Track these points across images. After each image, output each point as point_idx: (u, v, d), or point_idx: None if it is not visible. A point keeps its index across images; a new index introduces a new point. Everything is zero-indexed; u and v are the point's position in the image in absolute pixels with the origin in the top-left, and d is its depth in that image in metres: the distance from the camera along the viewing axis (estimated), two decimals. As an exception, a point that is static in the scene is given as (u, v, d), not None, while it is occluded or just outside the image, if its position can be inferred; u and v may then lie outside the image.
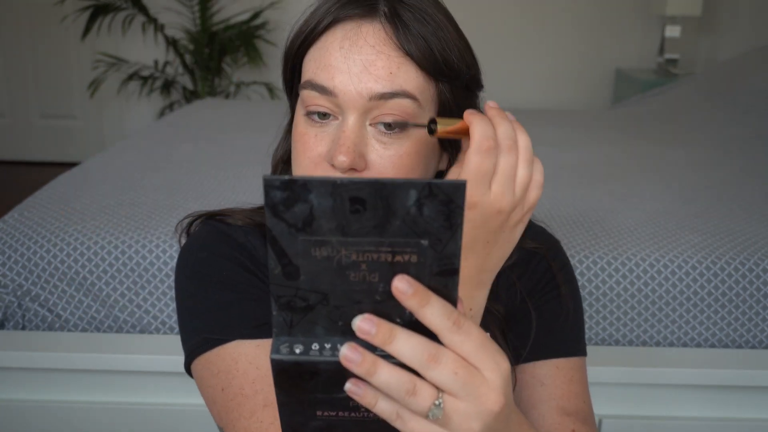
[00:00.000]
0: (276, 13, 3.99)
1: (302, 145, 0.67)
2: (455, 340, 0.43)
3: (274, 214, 0.40)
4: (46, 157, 4.31)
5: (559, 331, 0.78)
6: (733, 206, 1.66)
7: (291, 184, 0.39)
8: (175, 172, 1.78)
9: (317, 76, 0.64)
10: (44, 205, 1.50)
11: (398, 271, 0.42)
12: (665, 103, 2.90)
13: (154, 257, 1.33)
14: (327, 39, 0.65)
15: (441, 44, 0.64)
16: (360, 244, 0.41)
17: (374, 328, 0.42)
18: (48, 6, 3.99)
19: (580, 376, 0.78)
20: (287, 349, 0.43)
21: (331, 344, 0.44)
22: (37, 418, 1.31)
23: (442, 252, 0.42)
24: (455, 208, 0.41)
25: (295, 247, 0.41)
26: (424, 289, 0.42)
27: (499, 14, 3.98)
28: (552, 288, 0.80)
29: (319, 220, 0.40)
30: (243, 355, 0.67)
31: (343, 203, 0.40)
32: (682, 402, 1.32)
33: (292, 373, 0.44)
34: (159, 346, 1.30)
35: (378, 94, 0.63)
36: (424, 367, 0.43)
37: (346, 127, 0.64)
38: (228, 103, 3.09)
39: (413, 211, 0.41)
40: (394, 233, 0.41)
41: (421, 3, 0.65)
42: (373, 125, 0.64)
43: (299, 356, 0.43)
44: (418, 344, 0.42)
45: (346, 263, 0.42)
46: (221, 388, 0.67)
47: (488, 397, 0.44)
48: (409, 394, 0.43)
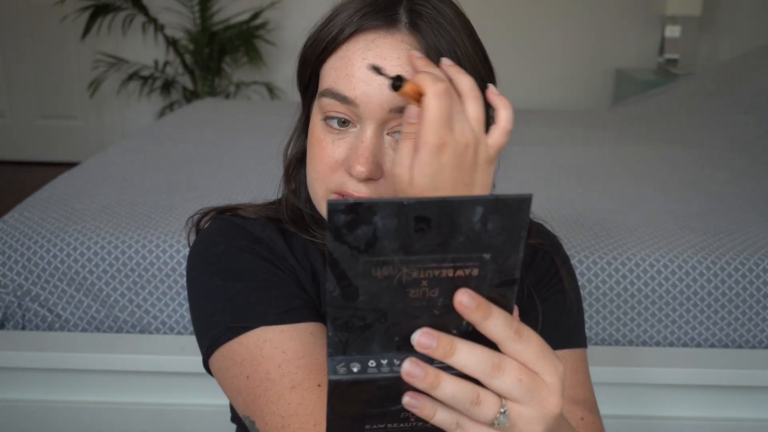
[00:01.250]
0: (276, 13, 3.99)
1: (320, 150, 0.67)
2: (517, 349, 0.44)
3: (336, 237, 0.40)
4: (46, 157, 4.31)
5: (564, 323, 0.79)
6: (733, 206, 1.66)
7: (356, 207, 0.39)
8: (175, 172, 1.78)
9: (338, 84, 0.65)
10: (44, 205, 1.50)
11: (459, 285, 0.43)
12: (665, 103, 2.90)
13: (154, 257, 1.33)
14: (348, 48, 0.65)
15: (458, 56, 0.65)
16: (422, 261, 0.41)
17: (434, 342, 0.43)
18: (48, 6, 3.99)
19: (584, 366, 0.79)
20: (344, 369, 0.43)
21: (387, 360, 0.44)
22: (37, 418, 1.31)
23: (503, 264, 0.43)
24: (519, 221, 0.41)
25: (356, 268, 0.41)
26: (486, 303, 0.43)
27: (499, 14, 3.98)
28: (556, 282, 0.81)
29: (382, 240, 0.40)
30: (268, 341, 0.67)
31: (408, 223, 0.40)
32: (682, 402, 1.32)
33: (350, 391, 0.44)
34: (159, 346, 1.30)
35: (398, 107, 0.63)
36: (488, 376, 0.44)
37: (365, 137, 0.64)
38: (228, 103, 3.09)
39: (478, 227, 0.41)
40: (457, 249, 0.41)
41: (442, 14, 0.66)
42: (391, 134, 0.65)
43: (357, 375, 0.43)
44: (482, 355, 0.43)
45: (407, 281, 0.42)
46: (246, 376, 0.66)
47: (549, 400, 0.45)
48: (473, 404, 0.43)
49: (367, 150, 0.64)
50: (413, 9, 0.65)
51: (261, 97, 4.08)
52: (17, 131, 4.31)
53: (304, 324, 0.68)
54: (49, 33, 4.12)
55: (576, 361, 0.78)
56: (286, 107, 2.85)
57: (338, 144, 0.66)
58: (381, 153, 0.65)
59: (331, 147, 0.67)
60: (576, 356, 0.79)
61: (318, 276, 0.75)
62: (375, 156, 0.64)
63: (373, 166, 0.64)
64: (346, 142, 0.66)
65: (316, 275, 0.75)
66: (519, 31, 4.04)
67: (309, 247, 0.76)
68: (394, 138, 0.65)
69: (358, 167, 0.63)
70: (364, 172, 0.63)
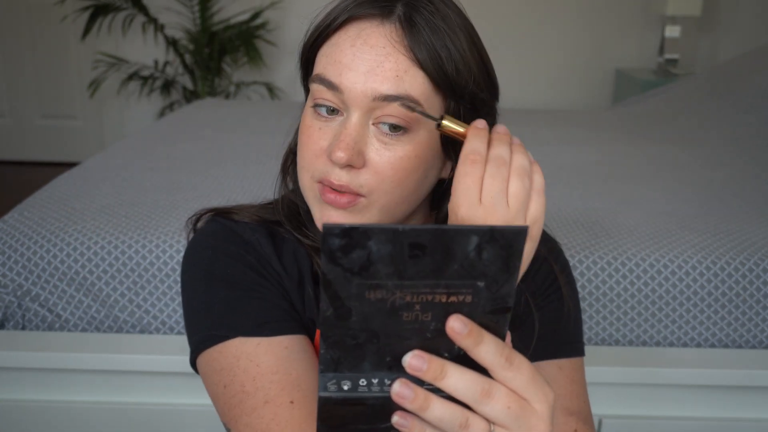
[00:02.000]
0: (276, 13, 3.99)
1: (307, 137, 0.67)
2: (507, 376, 0.44)
3: (330, 259, 0.40)
4: (46, 157, 4.31)
5: (561, 332, 0.79)
6: (733, 206, 1.66)
7: (351, 232, 0.40)
8: (175, 172, 1.78)
9: (326, 71, 0.65)
10: (44, 205, 1.50)
11: (452, 310, 0.43)
12: (665, 103, 2.90)
13: (154, 257, 1.33)
14: (340, 36, 0.66)
15: (450, 56, 0.64)
16: (416, 286, 0.42)
17: (425, 365, 0.43)
18: (48, 6, 3.99)
19: (580, 376, 0.79)
20: (335, 386, 0.44)
21: (378, 379, 0.44)
22: (37, 418, 1.31)
23: (497, 292, 0.43)
24: (514, 252, 0.42)
25: (349, 290, 0.41)
26: (478, 329, 0.43)
27: (499, 14, 3.98)
28: (555, 290, 0.80)
29: (377, 264, 0.41)
30: (245, 353, 0.68)
31: (403, 249, 0.40)
32: (682, 402, 1.32)
33: (339, 408, 0.44)
34: (159, 346, 1.30)
35: (382, 96, 0.63)
36: (477, 402, 0.44)
37: (349, 124, 0.64)
38: (228, 103, 3.09)
39: (472, 255, 0.41)
40: (451, 276, 0.42)
41: (441, 13, 0.65)
42: (376, 125, 0.65)
43: (348, 393, 0.44)
44: (472, 380, 0.44)
45: (400, 304, 0.42)
46: (224, 385, 0.68)
47: (538, 428, 0.45)
48: (462, 428, 0.44)
49: (349, 136, 0.64)
50: (410, 3, 0.65)
51: (261, 97, 4.08)
52: (17, 131, 4.31)
53: (279, 338, 0.69)
54: (49, 33, 4.12)
55: (572, 371, 0.78)
56: (286, 107, 2.85)
57: (325, 131, 0.66)
58: (364, 141, 0.65)
59: (318, 134, 0.66)
60: (573, 365, 0.78)
61: (305, 282, 0.75)
62: (357, 143, 0.64)
63: (354, 153, 0.64)
64: (332, 130, 0.66)
65: (303, 282, 0.75)
66: (519, 31, 4.03)
67: (298, 252, 0.76)
68: (379, 129, 0.65)
69: (338, 153, 0.63)
70: (343, 158, 0.63)
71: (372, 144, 0.65)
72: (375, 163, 0.65)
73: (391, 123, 0.64)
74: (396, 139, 0.65)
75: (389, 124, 0.64)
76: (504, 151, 0.58)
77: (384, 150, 0.65)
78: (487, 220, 0.57)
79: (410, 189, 0.67)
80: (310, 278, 0.75)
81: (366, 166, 0.65)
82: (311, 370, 0.68)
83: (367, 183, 0.65)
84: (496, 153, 0.58)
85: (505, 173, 0.57)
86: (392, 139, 0.65)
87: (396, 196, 0.67)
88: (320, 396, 0.43)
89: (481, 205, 0.57)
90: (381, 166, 0.65)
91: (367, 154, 0.65)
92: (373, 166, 0.65)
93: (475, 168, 0.57)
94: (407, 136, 0.65)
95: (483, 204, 0.57)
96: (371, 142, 0.65)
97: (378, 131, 0.65)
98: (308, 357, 0.70)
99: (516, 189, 0.58)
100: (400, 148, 0.65)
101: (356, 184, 0.65)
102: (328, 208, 0.67)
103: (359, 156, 0.64)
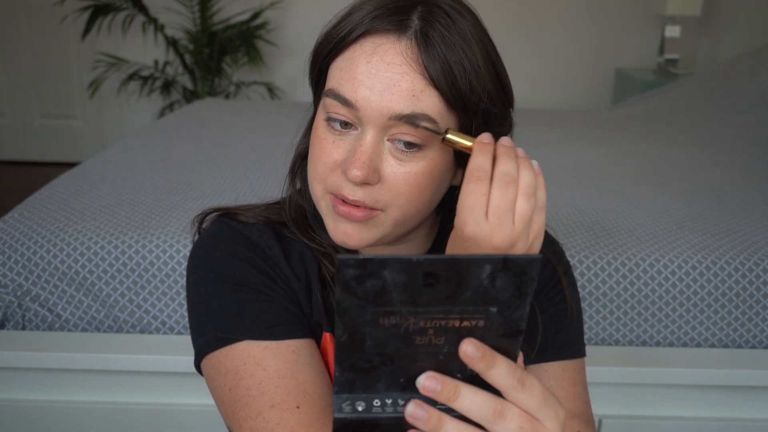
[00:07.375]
0: (276, 13, 3.99)
1: (320, 150, 0.67)
2: (520, 398, 0.45)
3: (345, 289, 0.41)
4: (46, 157, 4.31)
5: (564, 334, 0.79)
6: (733, 206, 1.66)
7: (366, 263, 0.40)
8: (175, 172, 1.78)
9: (341, 86, 0.65)
10: (44, 205, 1.50)
11: (465, 334, 0.44)
12: (665, 103, 2.90)
13: (154, 257, 1.33)
14: (355, 50, 0.65)
15: (464, 73, 0.64)
16: (429, 312, 0.42)
17: (439, 386, 0.44)
18: (48, 6, 3.99)
19: (582, 377, 0.79)
20: (350, 408, 0.45)
21: (392, 399, 0.45)
22: (37, 418, 1.31)
23: (509, 317, 0.44)
24: (528, 279, 0.42)
25: (364, 317, 0.42)
26: (491, 352, 0.44)
27: (499, 14, 3.98)
28: (557, 291, 0.80)
29: (391, 293, 0.41)
30: (251, 357, 0.67)
31: (417, 278, 0.41)
32: (682, 402, 1.32)
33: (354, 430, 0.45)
34: (159, 346, 1.30)
35: (398, 115, 0.63)
36: (490, 423, 0.44)
37: (364, 141, 0.64)
38: (228, 103, 3.08)
39: (486, 283, 0.42)
40: (464, 302, 0.42)
41: (458, 26, 0.64)
42: (391, 141, 0.65)
43: (362, 413, 0.45)
44: (485, 401, 0.44)
45: (413, 330, 0.43)
46: (229, 388, 0.67)
47: None
48: None
49: (365, 154, 0.64)
50: (427, 17, 0.64)
51: (261, 97, 4.08)
52: (17, 131, 4.31)
53: (287, 341, 0.69)
54: (49, 33, 4.12)
55: (574, 372, 0.78)
56: (286, 107, 2.85)
57: (338, 145, 0.66)
58: (379, 158, 0.65)
59: (331, 147, 0.66)
60: (574, 367, 0.78)
61: (312, 285, 0.75)
62: (372, 161, 0.64)
63: (369, 171, 0.64)
64: (346, 144, 0.66)
65: (311, 284, 0.75)
66: (519, 31, 4.03)
67: (306, 254, 0.76)
68: (394, 145, 0.65)
69: (354, 171, 0.63)
70: (359, 176, 0.63)
71: (387, 160, 0.65)
72: (390, 180, 0.65)
73: (406, 140, 0.64)
74: (411, 156, 0.65)
75: (405, 142, 0.64)
76: (511, 167, 0.58)
77: (399, 166, 0.65)
78: (492, 237, 0.57)
79: (424, 203, 0.68)
80: (317, 281, 0.75)
81: (381, 181, 0.65)
82: (318, 374, 0.68)
83: (383, 198, 0.66)
84: (503, 170, 0.58)
85: (513, 193, 0.57)
86: (407, 156, 0.65)
87: (411, 210, 0.67)
88: (335, 417, 0.44)
89: (488, 222, 0.57)
90: (396, 182, 0.65)
91: (382, 170, 0.65)
92: (388, 182, 0.65)
93: (480, 185, 0.57)
94: (422, 152, 0.65)
95: (489, 222, 0.57)
96: (386, 158, 0.65)
97: (393, 147, 0.65)
98: (315, 362, 0.69)
99: (523, 209, 0.58)
100: (415, 164, 0.65)
101: (372, 200, 0.65)
102: (343, 221, 0.67)
103: (374, 173, 0.65)
